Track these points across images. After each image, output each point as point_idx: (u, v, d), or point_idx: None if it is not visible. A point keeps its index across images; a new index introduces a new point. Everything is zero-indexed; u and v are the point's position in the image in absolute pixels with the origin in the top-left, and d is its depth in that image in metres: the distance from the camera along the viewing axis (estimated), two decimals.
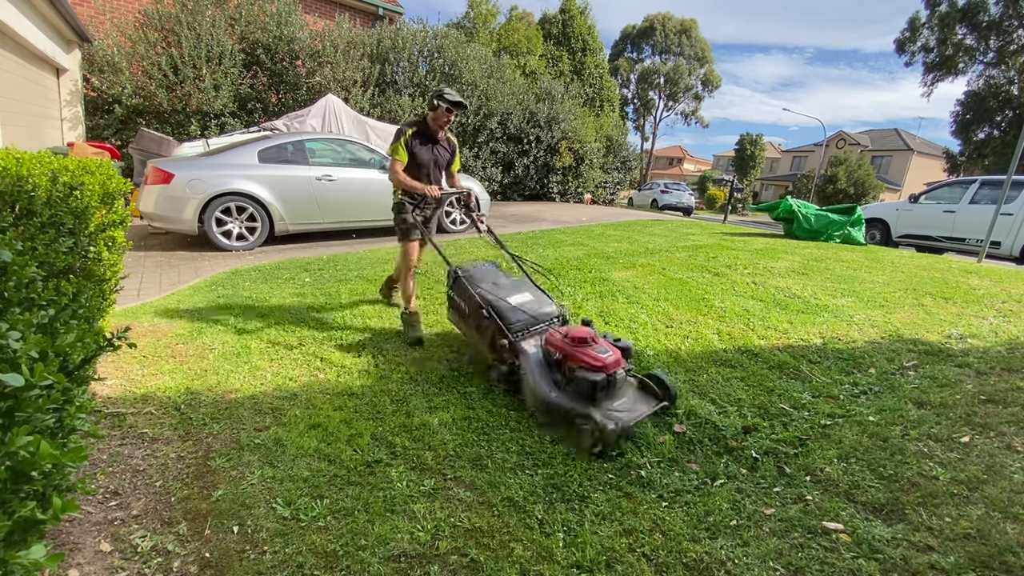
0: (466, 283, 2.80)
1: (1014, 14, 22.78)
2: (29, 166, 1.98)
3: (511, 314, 2.65)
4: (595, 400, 2.24)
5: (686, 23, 39.30)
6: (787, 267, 5.32)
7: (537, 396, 2.36)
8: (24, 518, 0.83)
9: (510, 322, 2.61)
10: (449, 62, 12.01)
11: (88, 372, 1.40)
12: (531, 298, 2.83)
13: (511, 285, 2.92)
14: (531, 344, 2.59)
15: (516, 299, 2.76)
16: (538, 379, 2.39)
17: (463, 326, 2.94)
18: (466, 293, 2.79)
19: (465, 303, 2.82)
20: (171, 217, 5.63)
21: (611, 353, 2.34)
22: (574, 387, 2.31)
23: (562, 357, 2.42)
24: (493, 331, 2.62)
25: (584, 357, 2.32)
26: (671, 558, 1.61)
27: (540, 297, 2.91)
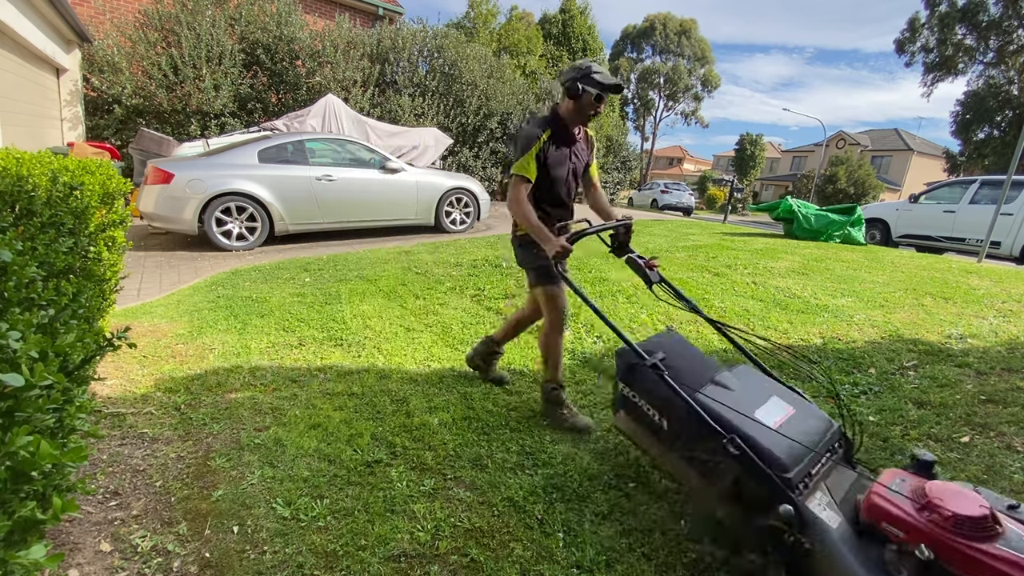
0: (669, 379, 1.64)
1: (1014, 14, 22.79)
2: (29, 166, 1.98)
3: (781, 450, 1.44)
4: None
5: (686, 23, 39.31)
6: (787, 267, 5.32)
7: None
8: (24, 518, 0.83)
9: (783, 465, 1.41)
10: (449, 62, 12.01)
11: (88, 372, 1.40)
12: (792, 410, 1.62)
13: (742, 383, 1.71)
14: (822, 505, 1.41)
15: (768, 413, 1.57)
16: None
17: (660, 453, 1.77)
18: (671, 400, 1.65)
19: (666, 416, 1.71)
20: (171, 217, 5.63)
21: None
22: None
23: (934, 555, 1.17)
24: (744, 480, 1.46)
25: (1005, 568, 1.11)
26: (671, 558, 1.61)
27: (802, 404, 1.68)
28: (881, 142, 37.40)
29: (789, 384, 1.79)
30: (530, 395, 2.63)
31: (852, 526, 1.34)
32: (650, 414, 1.75)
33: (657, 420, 1.73)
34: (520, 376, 2.83)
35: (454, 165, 12.32)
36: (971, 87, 25.16)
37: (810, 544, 1.32)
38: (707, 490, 1.58)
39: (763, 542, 1.40)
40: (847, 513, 1.37)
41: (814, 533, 1.33)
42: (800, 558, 1.33)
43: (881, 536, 1.28)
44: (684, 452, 1.64)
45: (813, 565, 1.31)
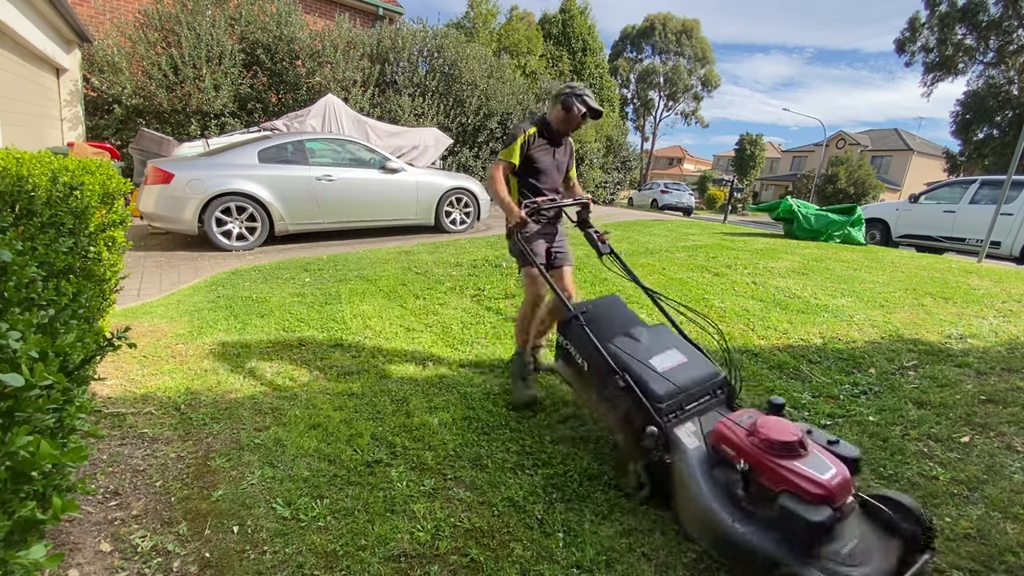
0: (590, 333, 2.04)
1: (1014, 14, 22.79)
2: (29, 166, 1.98)
3: (658, 384, 1.85)
4: (813, 549, 1.40)
5: (687, 23, 39.33)
6: (787, 267, 5.32)
7: (706, 522, 1.57)
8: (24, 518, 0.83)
9: (658, 398, 1.81)
10: (449, 62, 12.01)
11: (88, 372, 1.40)
12: (684, 358, 1.99)
13: (650, 336, 2.11)
14: (688, 432, 1.79)
15: (660, 360, 1.96)
16: (708, 496, 1.59)
17: (582, 388, 2.18)
18: (588, 346, 2.05)
19: (586, 358, 2.09)
20: (171, 217, 5.63)
21: (834, 471, 1.47)
22: (774, 521, 1.46)
23: (750, 467, 1.56)
24: (630, 409, 1.87)
25: (797, 479, 1.46)
26: (671, 558, 1.61)
27: (695, 356, 2.04)
28: (881, 142, 37.40)
29: (694, 342, 2.17)
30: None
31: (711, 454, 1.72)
32: (577, 359, 2.15)
33: (580, 363, 2.13)
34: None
35: (454, 165, 12.32)
36: (971, 87, 25.18)
37: (670, 459, 1.75)
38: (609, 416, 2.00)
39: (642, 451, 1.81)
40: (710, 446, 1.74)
41: (675, 452, 1.74)
42: (663, 470, 1.77)
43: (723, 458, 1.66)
44: (598, 388, 2.03)
45: (672, 475, 1.74)
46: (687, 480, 1.66)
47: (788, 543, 1.42)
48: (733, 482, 1.59)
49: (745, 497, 1.56)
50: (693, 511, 1.63)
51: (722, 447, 1.66)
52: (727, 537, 1.51)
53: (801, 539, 1.41)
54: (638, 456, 1.84)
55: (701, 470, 1.66)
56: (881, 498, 1.57)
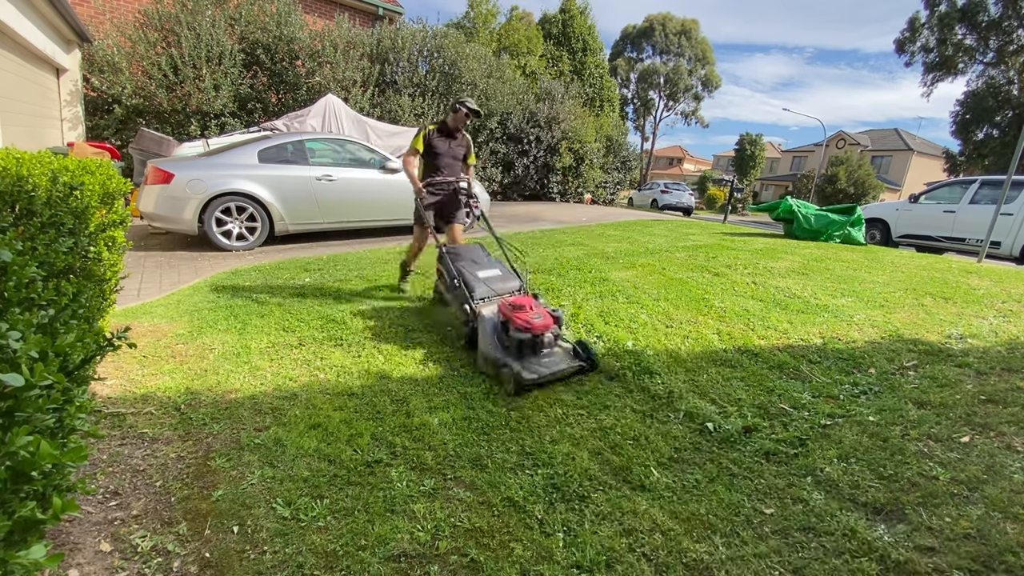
0: (448, 258, 3.44)
1: (1014, 14, 22.79)
2: (29, 166, 1.98)
3: (476, 284, 3.27)
4: (520, 354, 2.78)
5: (687, 23, 39.32)
6: (787, 267, 5.32)
7: (482, 350, 2.92)
8: (24, 518, 0.83)
9: (474, 290, 3.22)
10: (449, 62, 12.01)
11: (88, 372, 1.40)
12: (498, 273, 3.44)
13: (485, 263, 3.51)
14: (489, 310, 3.09)
15: (484, 273, 3.37)
16: (488, 337, 2.93)
17: (445, 294, 3.57)
18: (447, 266, 3.42)
19: (446, 274, 3.44)
20: (171, 217, 5.63)
21: (541, 317, 2.87)
22: (509, 344, 2.84)
23: (504, 320, 2.94)
24: (461, 298, 3.21)
25: (517, 319, 2.85)
26: (671, 558, 1.61)
27: (507, 273, 3.51)
28: (881, 142, 37.39)
29: (513, 267, 3.61)
30: (531, 397, 2.63)
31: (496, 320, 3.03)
32: (443, 275, 3.52)
33: (444, 277, 3.51)
34: None
35: None
36: (971, 87, 25.16)
37: (475, 324, 3.05)
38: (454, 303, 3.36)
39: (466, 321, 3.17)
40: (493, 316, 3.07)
41: (479, 320, 3.02)
42: (473, 330, 3.07)
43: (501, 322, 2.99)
44: (452, 292, 3.37)
45: (477, 333, 2.99)
46: (481, 333, 2.96)
47: (512, 353, 2.80)
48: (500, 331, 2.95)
49: (504, 337, 2.91)
50: (479, 348, 2.94)
51: (499, 313, 3.02)
52: (488, 355, 2.85)
53: (515, 349, 2.81)
54: (463, 323, 3.22)
55: (490, 327, 2.98)
56: (577, 342, 3.00)
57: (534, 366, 2.72)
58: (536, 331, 2.79)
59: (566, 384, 2.76)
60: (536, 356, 2.82)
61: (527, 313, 2.88)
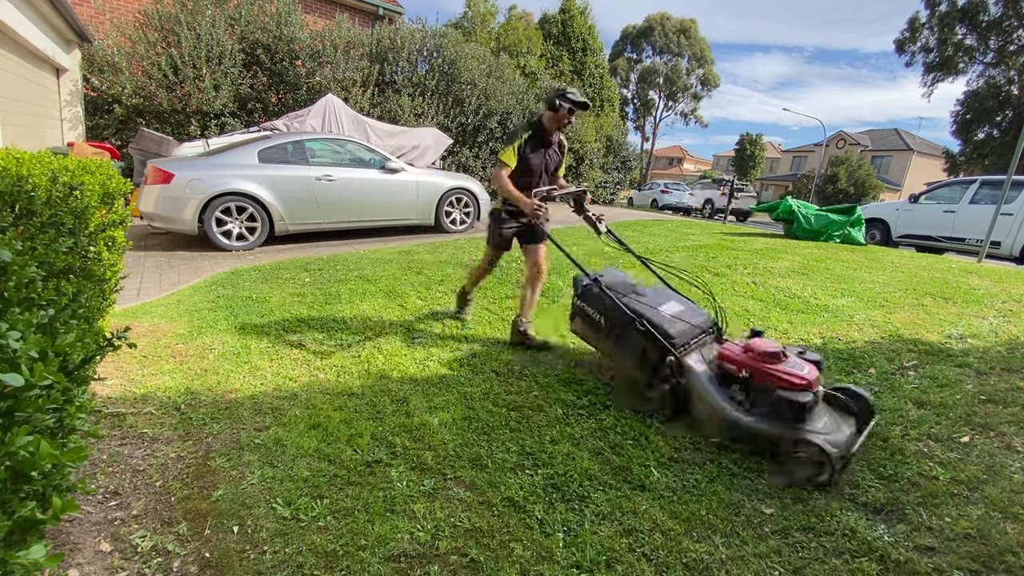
0: (608, 292, 2.57)
1: (1014, 14, 22.79)
2: (29, 166, 1.98)
3: (671, 327, 2.40)
4: (803, 422, 1.99)
5: (685, 23, 39.33)
6: (787, 267, 5.32)
7: (722, 418, 2.15)
8: (24, 518, 0.83)
9: (672, 336, 2.35)
10: (448, 61, 12.01)
11: (88, 372, 1.40)
12: (683, 308, 2.59)
13: (655, 294, 2.69)
14: (695, 360, 2.33)
15: (668, 308, 2.54)
16: (718, 399, 2.20)
17: (600, 341, 2.71)
18: (606, 304, 2.56)
19: (603, 315, 2.59)
20: (171, 217, 5.63)
21: (809, 369, 2.13)
22: (772, 409, 2.05)
23: (750, 375, 2.17)
24: (648, 347, 2.38)
25: (784, 375, 2.07)
26: (671, 558, 1.61)
27: (691, 306, 2.66)
28: (881, 142, 37.40)
29: (685, 295, 2.79)
30: (530, 394, 2.63)
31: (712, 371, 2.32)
32: (594, 316, 2.68)
33: (598, 319, 2.66)
34: (521, 377, 2.83)
35: (454, 165, 12.32)
36: (971, 87, 25.17)
37: (684, 381, 2.31)
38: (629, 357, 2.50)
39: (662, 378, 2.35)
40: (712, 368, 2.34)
41: (688, 375, 2.30)
42: (680, 391, 2.32)
43: (727, 374, 2.27)
44: (615, 336, 2.57)
45: (688, 393, 2.31)
46: (702, 393, 2.24)
47: (783, 420, 2.01)
48: (735, 389, 2.23)
49: (746, 397, 2.19)
50: (709, 415, 2.21)
51: (725, 365, 2.28)
52: (739, 426, 2.11)
53: (793, 416, 1.99)
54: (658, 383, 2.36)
55: (712, 385, 2.25)
56: (840, 389, 2.26)
57: (829, 436, 1.97)
58: (813, 388, 2.06)
59: (566, 384, 2.76)
60: (810, 420, 2.01)
61: (789, 364, 2.12)
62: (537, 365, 2.98)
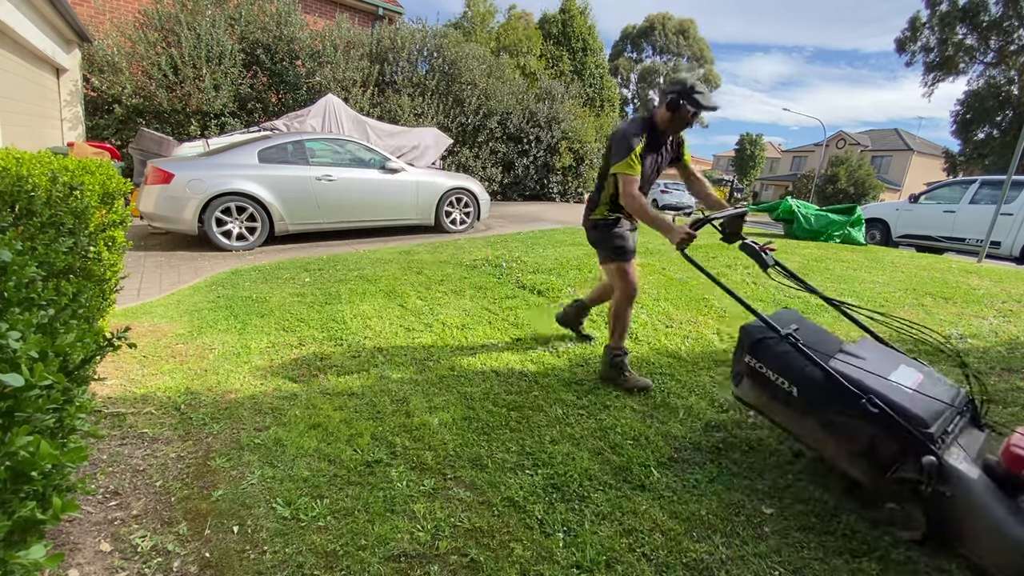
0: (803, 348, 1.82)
1: (1014, 14, 22.80)
2: (29, 166, 1.98)
3: (919, 407, 1.59)
4: None
5: (684, 23, 39.34)
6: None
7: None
8: (24, 518, 0.83)
9: (924, 422, 1.56)
10: (448, 61, 12.01)
11: (88, 372, 1.40)
12: (921, 376, 1.78)
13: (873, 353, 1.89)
14: (958, 456, 1.56)
15: (903, 380, 1.72)
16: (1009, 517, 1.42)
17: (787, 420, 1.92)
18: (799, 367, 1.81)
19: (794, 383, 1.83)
20: (171, 217, 5.63)
21: None
22: None
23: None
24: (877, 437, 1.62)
25: None
26: (671, 558, 1.61)
27: (927, 371, 1.85)
28: (881, 142, 37.41)
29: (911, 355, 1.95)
30: (530, 394, 2.63)
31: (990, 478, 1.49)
32: (778, 383, 1.87)
33: (787, 388, 1.85)
34: (521, 377, 2.83)
35: (454, 165, 12.32)
36: (971, 87, 25.17)
37: (951, 493, 1.48)
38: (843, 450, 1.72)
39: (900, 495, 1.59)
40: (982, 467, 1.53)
41: (955, 483, 1.48)
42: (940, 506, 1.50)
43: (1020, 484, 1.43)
44: (819, 416, 1.77)
45: (955, 512, 1.48)
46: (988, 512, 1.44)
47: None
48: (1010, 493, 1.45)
49: None
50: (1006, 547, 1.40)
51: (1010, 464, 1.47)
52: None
53: None
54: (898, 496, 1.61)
55: (1000, 499, 1.45)
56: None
57: None
58: None
59: (566, 384, 2.76)
60: None
61: None
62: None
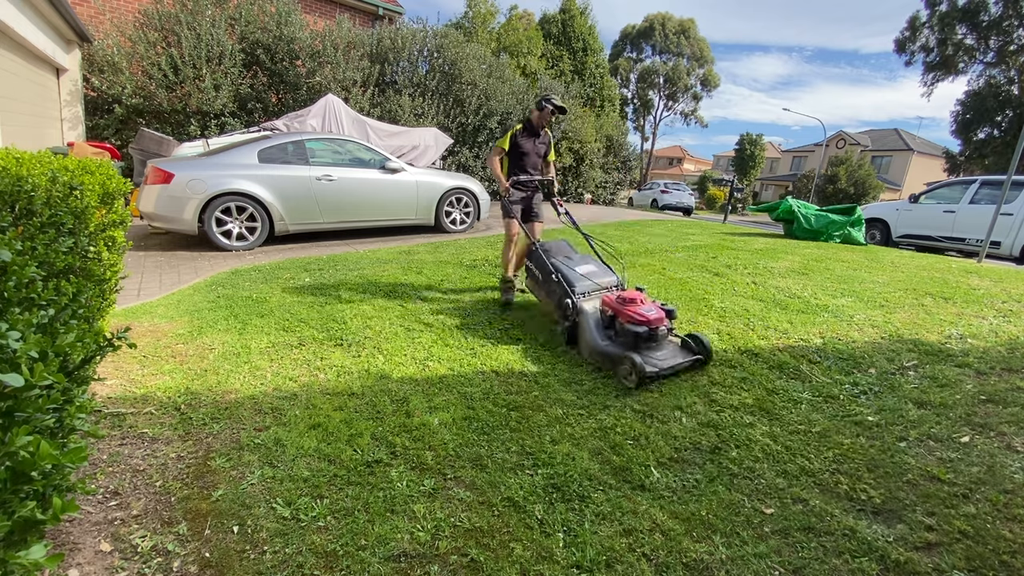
0: (542, 254, 3.51)
1: (1014, 14, 22.79)
2: (29, 166, 1.98)
3: (576, 280, 3.30)
4: (636, 348, 2.78)
5: (684, 23, 39.33)
6: (787, 267, 5.32)
7: (591, 345, 2.95)
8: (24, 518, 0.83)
9: (574, 286, 3.25)
10: (449, 62, 12.01)
11: (88, 372, 1.40)
12: (595, 269, 3.49)
13: (579, 258, 3.60)
14: (590, 305, 3.19)
15: (582, 268, 3.43)
16: (593, 332, 2.99)
17: (537, 290, 3.62)
18: (541, 262, 3.49)
19: (539, 271, 3.50)
20: (171, 217, 5.63)
21: (655, 311, 2.89)
22: (621, 338, 2.89)
23: (613, 314, 3.00)
24: (560, 294, 3.26)
25: (630, 313, 2.88)
26: (671, 558, 1.61)
27: (603, 268, 3.55)
28: (881, 142, 37.39)
29: (606, 263, 3.66)
30: (530, 394, 2.63)
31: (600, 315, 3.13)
32: (535, 272, 3.57)
33: (537, 274, 3.55)
34: (521, 377, 2.83)
35: (454, 165, 12.32)
36: (971, 87, 25.17)
37: (577, 319, 3.15)
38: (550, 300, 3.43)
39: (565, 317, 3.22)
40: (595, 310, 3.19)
41: (581, 315, 3.13)
42: (574, 325, 3.16)
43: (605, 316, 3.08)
44: (544, 287, 3.48)
45: (578, 327, 3.12)
46: (585, 326, 3.06)
47: (627, 347, 2.82)
48: (606, 324, 3.05)
49: (612, 331, 3.02)
50: (585, 342, 3.03)
51: (603, 307, 3.14)
52: (600, 351, 2.90)
53: (631, 343, 2.83)
54: (563, 319, 3.26)
55: (592, 321, 3.07)
56: (689, 335, 2.99)
57: (653, 360, 2.72)
58: (652, 325, 2.82)
59: (566, 384, 2.76)
60: (651, 350, 2.81)
61: (639, 307, 2.90)
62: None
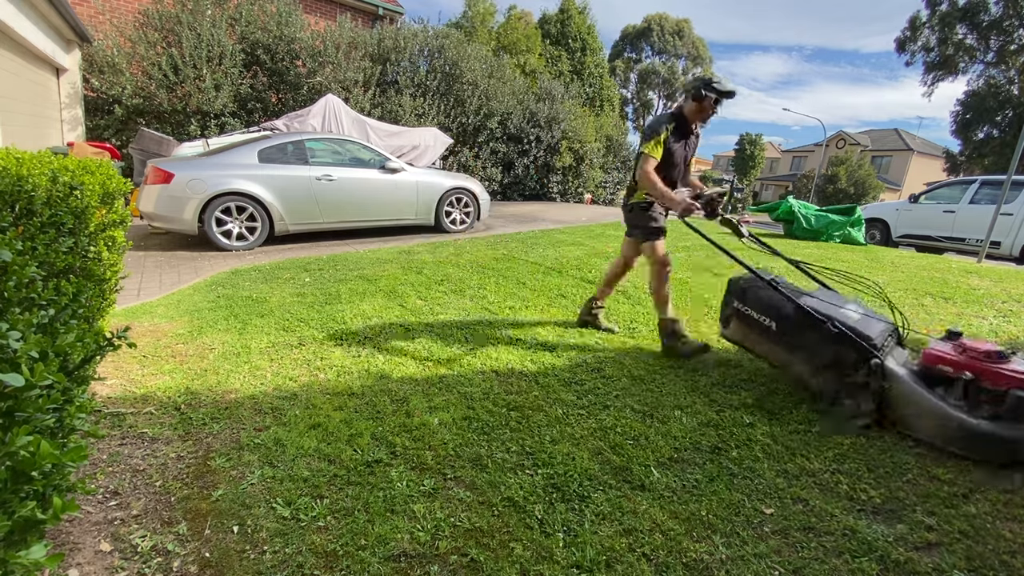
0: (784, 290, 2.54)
1: (1014, 14, 22.80)
2: (29, 166, 1.98)
3: (867, 328, 2.28)
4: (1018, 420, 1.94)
5: (680, 23, 39.38)
6: (787, 267, 5.31)
7: (950, 423, 2.03)
8: (24, 518, 0.83)
9: (872, 339, 2.24)
10: (450, 62, 12.01)
11: (88, 372, 1.40)
12: (863, 309, 2.50)
13: (827, 295, 2.62)
14: (894, 363, 2.24)
15: (855, 312, 2.41)
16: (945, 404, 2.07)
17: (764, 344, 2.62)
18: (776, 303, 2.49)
19: (774, 317, 2.51)
20: (171, 217, 5.63)
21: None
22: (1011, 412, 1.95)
23: (974, 377, 2.08)
24: (838, 350, 2.27)
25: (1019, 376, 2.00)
26: (671, 558, 1.61)
27: (866, 308, 2.56)
28: (881, 142, 37.41)
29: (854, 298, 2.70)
30: (530, 394, 2.63)
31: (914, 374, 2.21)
32: (760, 319, 2.58)
33: (766, 323, 2.56)
34: (521, 377, 2.83)
35: (454, 165, 12.33)
36: (971, 87, 25.18)
37: (889, 386, 2.19)
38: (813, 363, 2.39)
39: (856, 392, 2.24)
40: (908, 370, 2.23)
41: (892, 379, 2.19)
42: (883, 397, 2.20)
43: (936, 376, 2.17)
44: (790, 342, 2.47)
45: (892, 400, 2.20)
46: (914, 396, 2.14)
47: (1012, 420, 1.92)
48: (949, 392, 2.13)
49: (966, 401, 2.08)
50: (928, 419, 2.10)
51: (938, 367, 2.18)
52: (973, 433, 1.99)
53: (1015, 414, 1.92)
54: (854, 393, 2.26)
55: (923, 387, 2.14)
56: None
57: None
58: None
59: (566, 384, 2.76)
60: None
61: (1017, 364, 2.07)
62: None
